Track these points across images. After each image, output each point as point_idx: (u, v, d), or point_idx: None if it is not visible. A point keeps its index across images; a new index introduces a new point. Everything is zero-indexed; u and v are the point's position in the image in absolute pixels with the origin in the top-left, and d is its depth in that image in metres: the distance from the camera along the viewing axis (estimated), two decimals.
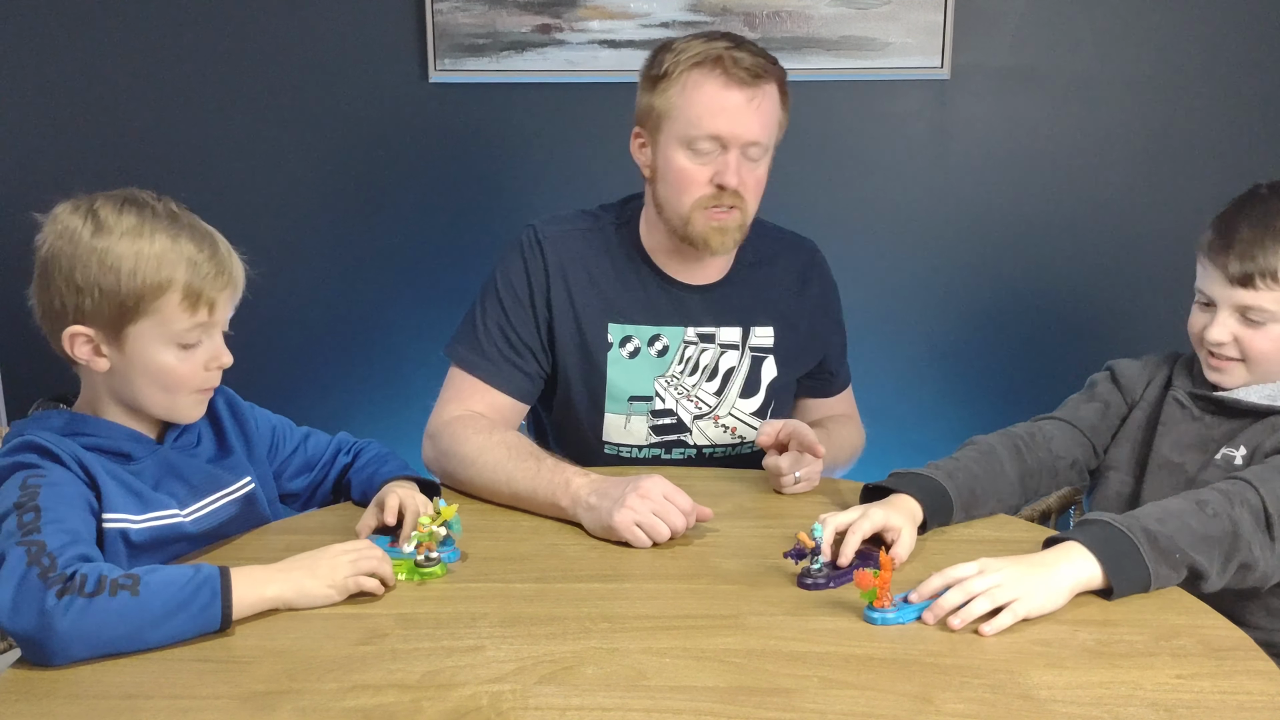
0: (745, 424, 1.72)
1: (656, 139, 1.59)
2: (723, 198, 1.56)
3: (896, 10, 2.44)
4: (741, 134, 1.54)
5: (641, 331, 1.66)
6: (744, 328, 1.70)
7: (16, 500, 1.17)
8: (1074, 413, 1.59)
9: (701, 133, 1.54)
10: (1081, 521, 1.28)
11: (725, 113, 1.53)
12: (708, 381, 1.69)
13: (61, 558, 1.11)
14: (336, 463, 1.56)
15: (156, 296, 1.24)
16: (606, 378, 1.66)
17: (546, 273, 1.64)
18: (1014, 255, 2.60)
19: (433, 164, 2.58)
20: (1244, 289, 1.42)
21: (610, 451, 1.71)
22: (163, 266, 1.24)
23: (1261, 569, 1.27)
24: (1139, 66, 2.50)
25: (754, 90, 1.53)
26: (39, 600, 1.07)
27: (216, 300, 1.28)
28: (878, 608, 1.17)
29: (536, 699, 1.04)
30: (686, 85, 1.54)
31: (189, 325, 1.27)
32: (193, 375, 1.30)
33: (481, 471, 1.51)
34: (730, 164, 1.54)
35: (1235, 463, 1.44)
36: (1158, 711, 1.01)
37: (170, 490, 1.33)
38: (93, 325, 1.25)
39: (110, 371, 1.28)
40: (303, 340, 2.65)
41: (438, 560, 1.29)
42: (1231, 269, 1.42)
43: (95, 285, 1.23)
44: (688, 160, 1.56)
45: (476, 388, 1.63)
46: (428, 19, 2.46)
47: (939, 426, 2.60)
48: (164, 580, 1.12)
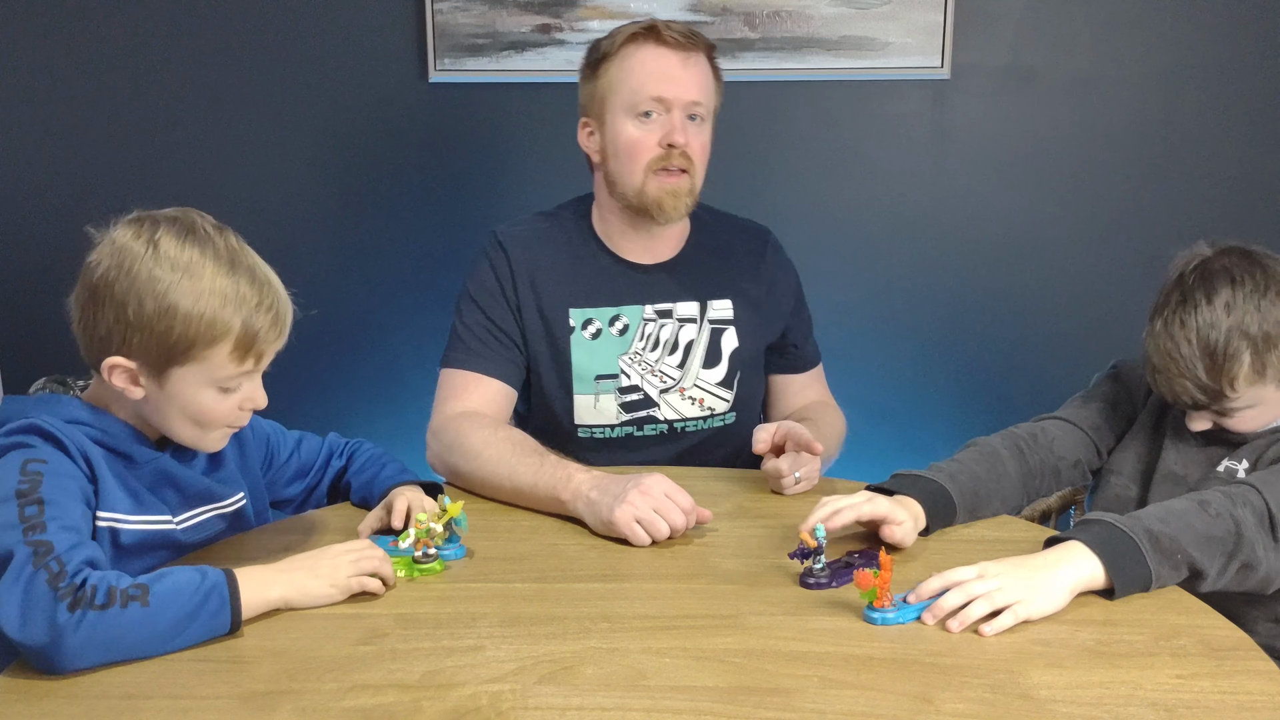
0: (712, 394, 1.75)
1: (603, 119, 1.68)
2: (672, 157, 1.64)
3: (896, 10, 2.44)
4: (682, 94, 1.63)
5: (601, 313, 1.72)
6: (701, 301, 1.75)
7: (17, 487, 1.14)
8: (1077, 413, 1.59)
9: (645, 96, 1.63)
10: (1082, 521, 1.28)
11: (666, 75, 1.63)
12: (669, 355, 1.73)
13: (70, 563, 1.08)
14: (330, 466, 1.56)
15: (208, 346, 1.22)
16: (571, 360, 1.71)
17: (511, 269, 1.71)
18: (1013, 255, 2.60)
19: (433, 164, 2.58)
20: (1206, 406, 1.42)
21: (584, 434, 1.74)
22: (219, 318, 1.21)
23: (1264, 570, 1.27)
24: (1139, 66, 2.50)
25: (687, 54, 1.64)
26: (49, 613, 1.05)
27: (265, 351, 1.27)
28: (878, 608, 1.17)
29: (536, 699, 1.04)
30: (625, 58, 1.64)
31: (235, 373, 1.25)
32: (227, 414, 1.29)
33: (485, 465, 1.53)
34: (676, 123, 1.63)
35: (1238, 474, 1.44)
36: (1158, 711, 1.01)
37: (164, 498, 1.32)
38: (137, 359, 1.22)
39: (144, 400, 1.26)
40: (301, 340, 2.62)
41: (435, 557, 1.29)
42: (1182, 402, 1.42)
43: (149, 326, 1.20)
44: (635, 128, 1.65)
45: (469, 380, 1.67)
46: (428, 19, 2.46)
47: (939, 426, 2.60)
48: (172, 588, 1.11)
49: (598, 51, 1.68)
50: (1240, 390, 1.39)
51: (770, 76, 2.48)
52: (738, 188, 2.53)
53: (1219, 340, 1.37)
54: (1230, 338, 1.37)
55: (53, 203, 2.55)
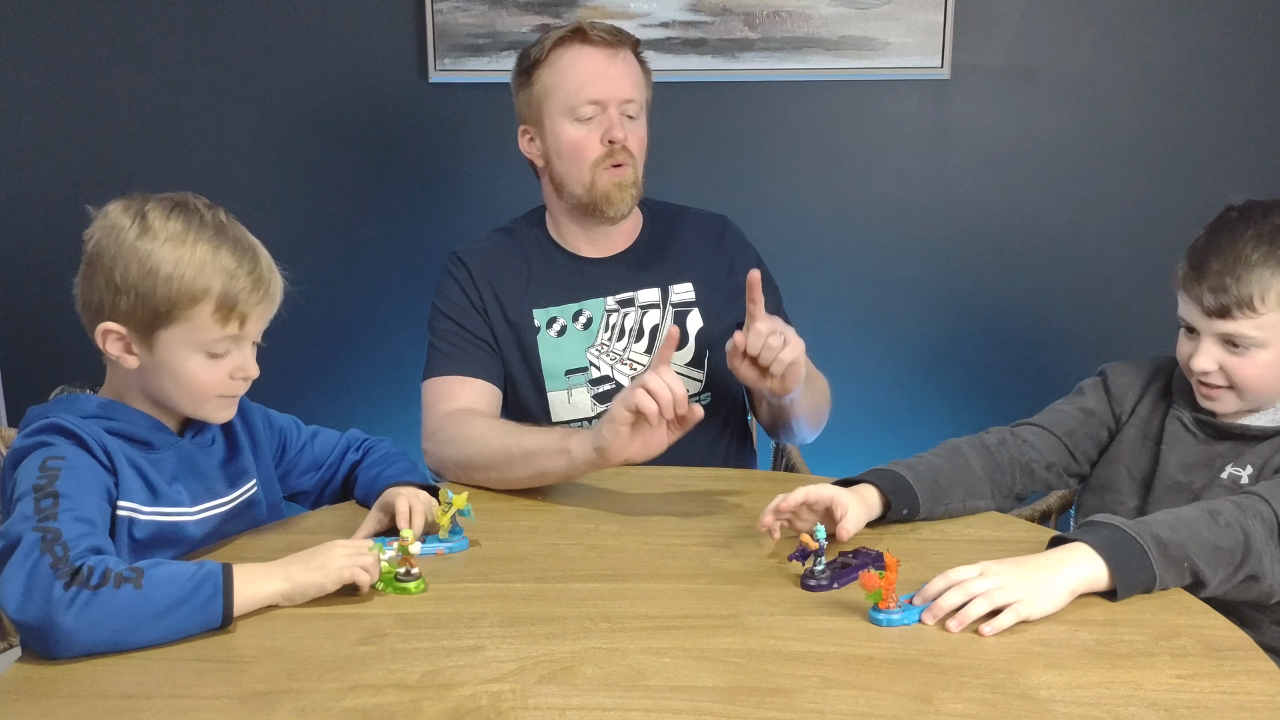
0: (684, 376, 1.77)
1: (542, 124, 1.72)
2: (615, 154, 1.69)
3: (896, 10, 2.44)
4: (617, 93, 1.68)
5: (564, 310, 1.76)
6: (662, 287, 1.78)
7: (35, 482, 1.18)
8: (1052, 418, 1.58)
9: (582, 99, 1.68)
10: (1088, 522, 1.27)
11: (598, 77, 1.68)
12: (636, 343, 1.76)
13: (75, 549, 1.12)
14: (345, 460, 1.57)
15: (190, 305, 1.26)
16: (540, 359, 1.74)
17: (474, 282, 1.76)
18: (1013, 255, 2.60)
19: (432, 164, 2.58)
20: (1222, 320, 1.40)
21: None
22: (200, 276, 1.26)
23: (1269, 582, 1.26)
24: (1139, 66, 2.50)
25: (615, 51, 1.69)
26: (46, 590, 1.08)
27: (249, 314, 1.30)
28: (883, 609, 1.17)
29: (536, 699, 1.04)
30: (558, 63, 1.69)
31: (219, 336, 1.28)
32: (218, 383, 1.31)
33: (491, 442, 1.56)
34: (614, 119, 1.68)
35: (1241, 481, 1.43)
36: (1158, 711, 1.01)
37: (185, 484, 1.35)
38: (126, 325, 1.27)
39: (139, 369, 1.30)
40: (301, 340, 2.65)
41: (418, 576, 1.27)
42: (1207, 302, 1.40)
43: (133, 287, 1.25)
44: (575, 129, 1.70)
45: (454, 384, 1.70)
46: (428, 19, 2.46)
47: (938, 426, 2.58)
48: (167, 575, 1.14)
49: (528, 59, 1.72)
50: (1270, 307, 1.38)
51: (770, 76, 2.48)
52: (737, 188, 2.54)
53: (1274, 238, 1.39)
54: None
55: (53, 205, 2.55)
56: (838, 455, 1.80)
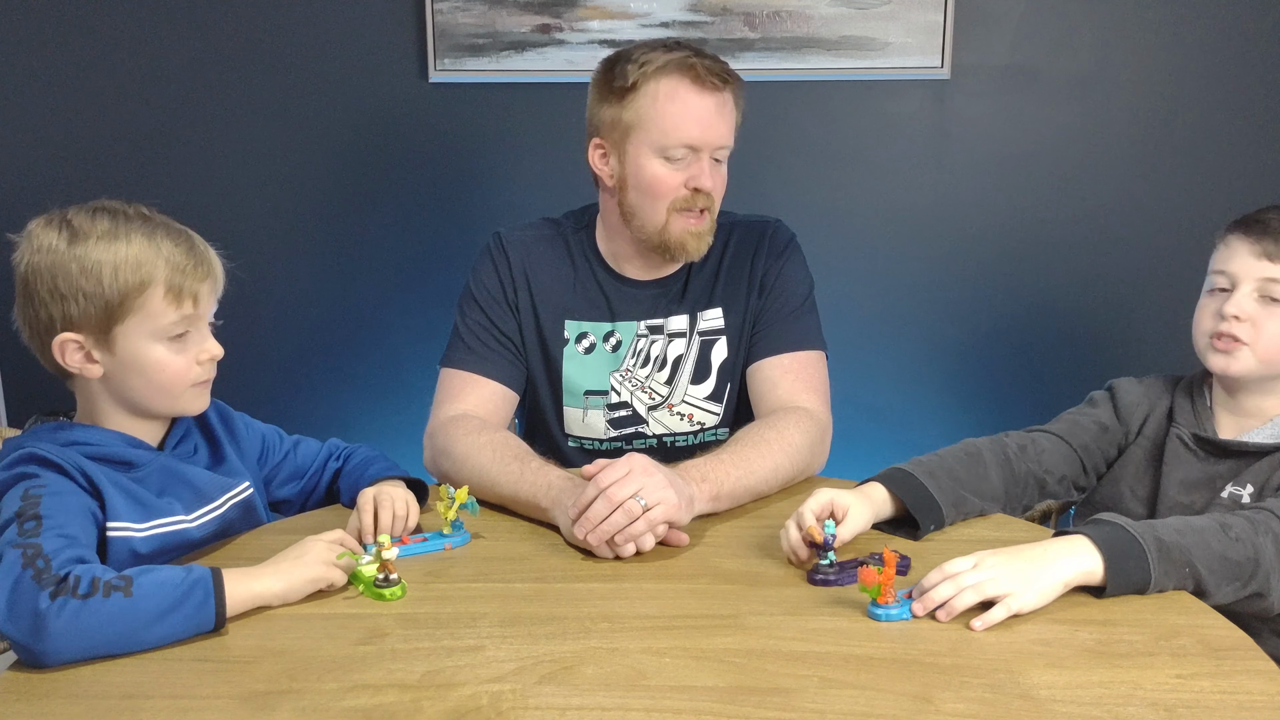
0: (701, 409, 1.74)
1: (624, 149, 1.62)
2: (696, 200, 1.61)
3: (896, 10, 2.44)
4: (714, 140, 1.59)
5: (597, 328, 1.71)
6: (690, 314, 1.72)
7: (18, 509, 1.17)
8: (1069, 429, 1.58)
9: (677, 141, 1.58)
10: (1093, 519, 1.27)
11: (699, 121, 1.57)
12: (658, 372, 1.72)
13: (56, 560, 1.11)
14: (328, 468, 1.56)
15: (140, 293, 1.25)
16: (563, 373, 1.70)
17: (511, 272, 1.70)
18: (1013, 255, 2.60)
19: (432, 164, 2.58)
20: (1271, 262, 1.43)
21: (574, 444, 1.74)
22: (142, 265, 1.26)
23: (1272, 599, 1.27)
24: (1139, 66, 2.50)
25: (723, 96, 1.59)
26: (32, 602, 1.07)
27: (199, 292, 1.29)
28: (881, 604, 1.17)
29: (536, 699, 1.04)
30: (658, 96, 1.57)
31: (175, 319, 1.28)
32: (186, 370, 1.31)
33: (471, 474, 1.51)
34: (704, 168, 1.60)
35: (1242, 500, 1.44)
36: (1158, 711, 1.01)
37: (176, 495, 1.34)
38: (81, 330, 1.26)
39: (105, 376, 1.28)
40: (301, 341, 2.65)
41: (397, 581, 1.26)
42: (1264, 243, 1.44)
43: (79, 291, 1.24)
44: (662, 167, 1.60)
45: (467, 381, 1.66)
46: (428, 19, 2.46)
47: (938, 426, 2.60)
48: (157, 581, 1.13)
49: (624, 78, 1.58)
50: None
51: (770, 76, 2.48)
52: (737, 188, 2.52)
53: None
54: None
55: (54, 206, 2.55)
56: (838, 455, 1.79)
